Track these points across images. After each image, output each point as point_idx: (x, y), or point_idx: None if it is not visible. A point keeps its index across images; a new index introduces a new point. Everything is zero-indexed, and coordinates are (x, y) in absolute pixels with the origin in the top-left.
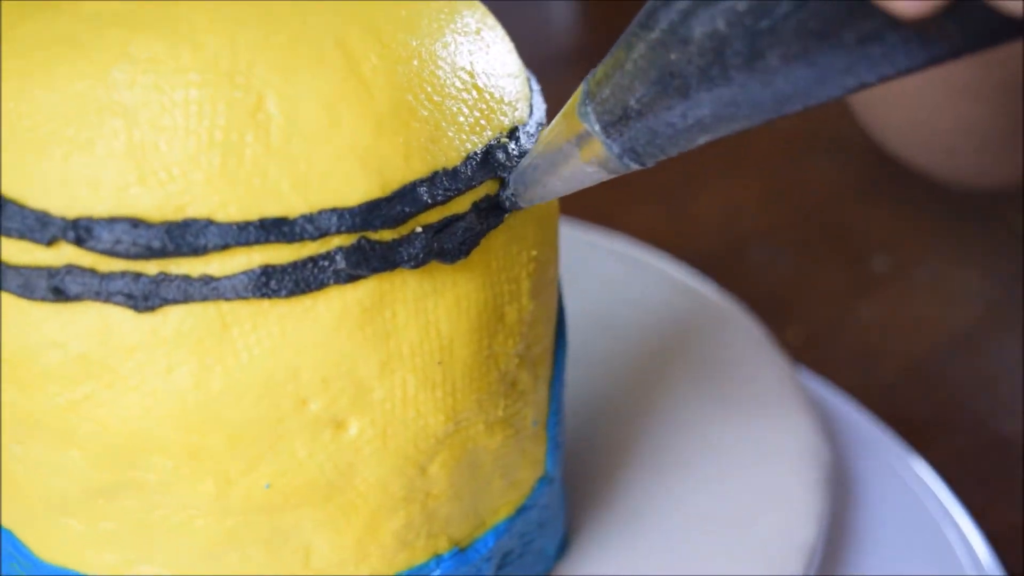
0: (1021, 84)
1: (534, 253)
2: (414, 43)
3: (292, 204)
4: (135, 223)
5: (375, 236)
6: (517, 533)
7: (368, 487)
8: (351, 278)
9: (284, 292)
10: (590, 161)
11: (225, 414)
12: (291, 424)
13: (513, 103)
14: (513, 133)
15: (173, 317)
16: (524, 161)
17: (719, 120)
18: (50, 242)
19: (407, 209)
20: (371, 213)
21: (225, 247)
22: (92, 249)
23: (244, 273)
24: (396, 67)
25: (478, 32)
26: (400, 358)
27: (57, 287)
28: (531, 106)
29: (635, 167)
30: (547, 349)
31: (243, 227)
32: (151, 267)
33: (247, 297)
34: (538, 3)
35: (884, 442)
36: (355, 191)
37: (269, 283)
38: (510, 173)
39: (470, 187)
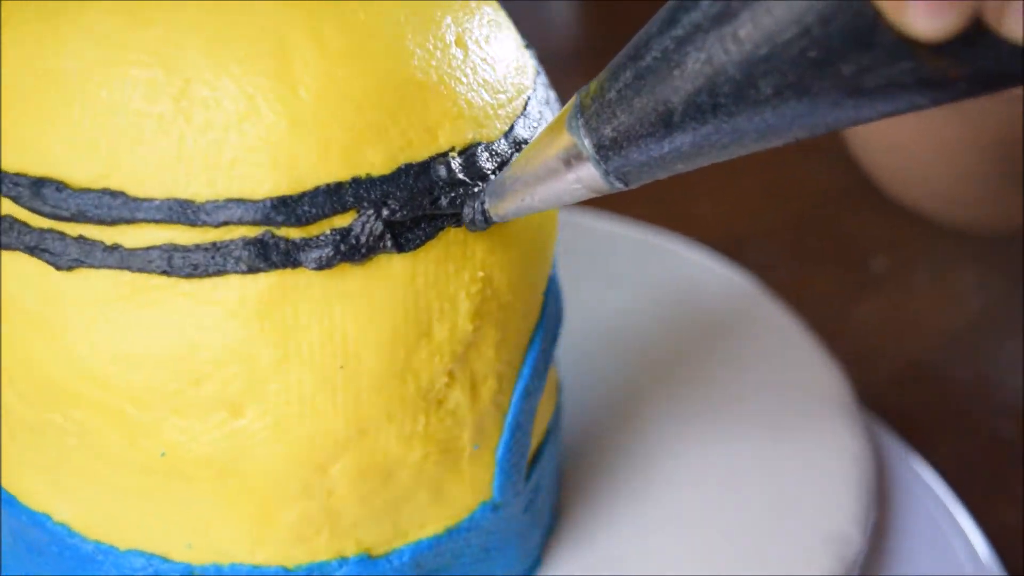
0: (1021, 135)
1: (480, 274)
2: (363, 48)
3: (200, 190)
4: (60, 187)
5: (280, 232)
6: (447, 552)
7: (261, 474)
8: (251, 269)
9: (185, 272)
10: (576, 178)
11: (129, 377)
12: (186, 398)
13: (483, 119)
14: (469, 150)
15: (90, 280)
16: (503, 173)
17: (701, 150)
18: None
19: (314, 210)
20: (276, 209)
21: (134, 220)
22: (22, 206)
23: (151, 248)
24: (334, 70)
25: (460, 40)
26: (298, 356)
27: None
28: (513, 125)
29: (620, 188)
30: (501, 374)
31: (153, 204)
32: (73, 230)
33: (151, 272)
34: (538, 3)
35: (884, 442)
36: (263, 185)
37: (172, 261)
38: (458, 190)
39: (396, 198)
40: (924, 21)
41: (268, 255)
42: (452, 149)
